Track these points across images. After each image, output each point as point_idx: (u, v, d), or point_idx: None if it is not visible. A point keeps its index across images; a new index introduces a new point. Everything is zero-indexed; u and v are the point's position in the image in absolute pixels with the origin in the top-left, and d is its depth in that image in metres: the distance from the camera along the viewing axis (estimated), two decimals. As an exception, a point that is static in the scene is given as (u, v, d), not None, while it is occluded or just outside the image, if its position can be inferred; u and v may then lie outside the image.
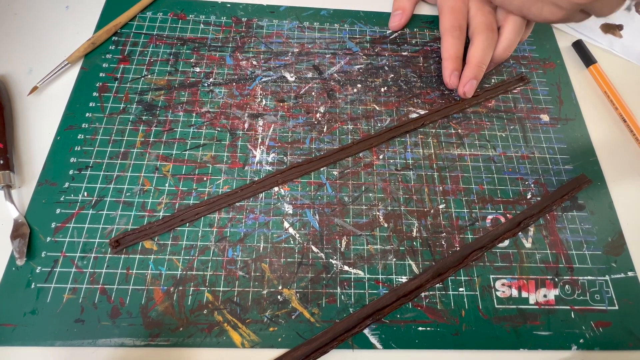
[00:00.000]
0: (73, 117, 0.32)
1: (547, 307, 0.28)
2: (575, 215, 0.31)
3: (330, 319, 0.27)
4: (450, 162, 0.33)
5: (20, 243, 0.27)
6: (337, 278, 0.28)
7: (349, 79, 0.36)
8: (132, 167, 0.31)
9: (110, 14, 0.37)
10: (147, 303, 0.26)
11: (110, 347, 0.25)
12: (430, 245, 0.29)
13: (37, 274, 0.27)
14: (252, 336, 0.26)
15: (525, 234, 0.30)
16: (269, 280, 0.28)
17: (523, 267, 0.29)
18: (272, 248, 0.29)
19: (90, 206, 0.29)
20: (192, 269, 0.28)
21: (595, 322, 0.28)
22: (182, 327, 0.26)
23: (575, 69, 0.39)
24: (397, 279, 0.28)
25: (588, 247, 0.30)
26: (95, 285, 0.27)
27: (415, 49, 0.39)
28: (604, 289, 0.29)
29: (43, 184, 0.30)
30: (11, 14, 0.37)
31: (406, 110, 0.35)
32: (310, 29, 0.39)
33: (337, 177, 0.32)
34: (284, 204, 0.30)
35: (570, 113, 0.36)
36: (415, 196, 0.31)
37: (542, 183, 0.33)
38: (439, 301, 0.28)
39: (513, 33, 0.34)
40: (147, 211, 0.29)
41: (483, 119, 0.35)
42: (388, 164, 0.32)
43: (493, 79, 0.38)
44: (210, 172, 0.31)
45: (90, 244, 0.28)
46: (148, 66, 0.35)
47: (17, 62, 0.35)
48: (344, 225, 0.30)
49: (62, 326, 0.25)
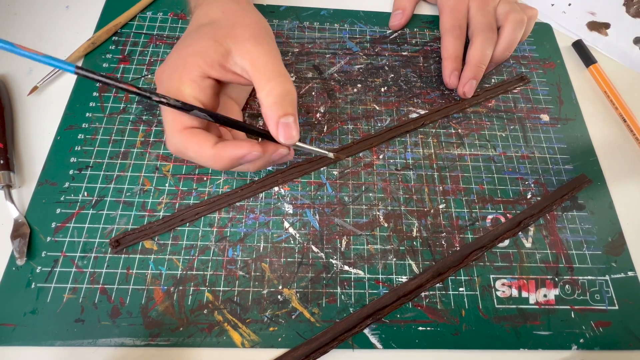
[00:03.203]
0: (73, 117, 0.32)
1: (547, 307, 0.28)
2: (575, 215, 0.31)
3: (330, 318, 0.27)
4: (450, 162, 0.33)
5: (20, 243, 0.27)
6: (337, 278, 0.28)
7: (349, 79, 0.36)
8: (132, 167, 0.31)
9: (110, 14, 0.37)
10: (147, 303, 0.26)
11: (110, 347, 0.25)
12: (430, 245, 0.29)
13: (37, 273, 0.27)
14: (252, 336, 0.26)
15: (525, 233, 0.30)
16: (269, 280, 0.28)
17: (523, 267, 0.29)
18: (272, 248, 0.29)
19: (91, 206, 0.29)
20: (192, 268, 0.28)
21: (595, 322, 0.28)
22: (182, 327, 0.26)
23: (575, 69, 0.39)
24: (397, 278, 0.28)
25: (588, 247, 0.30)
26: (95, 285, 0.27)
27: (415, 48, 0.39)
28: (604, 289, 0.29)
29: (43, 183, 0.30)
30: (11, 14, 0.37)
31: (406, 110, 0.35)
32: (310, 29, 0.39)
33: (337, 177, 0.32)
34: (284, 204, 0.30)
35: (570, 113, 0.36)
36: (415, 196, 0.31)
37: (542, 183, 0.33)
38: (439, 301, 0.28)
39: (513, 33, 0.34)
40: (147, 211, 0.29)
41: (483, 118, 0.35)
42: (388, 163, 0.32)
43: (493, 79, 0.38)
44: (210, 172, 0.31)
45: (90, 243, 0.28)
46: (148, 66, 0.35)
47: (17, 62, 0.35)
48: (344, 225, 0.30)
49: (62, 326, 0.25)
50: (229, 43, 0.23)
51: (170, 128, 0.22)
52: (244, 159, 0.22)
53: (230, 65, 0.23)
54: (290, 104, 0.22)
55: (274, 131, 0.22)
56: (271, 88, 0.22)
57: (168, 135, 0.23)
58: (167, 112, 0.22)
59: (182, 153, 0.23)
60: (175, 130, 0.22)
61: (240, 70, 0.23)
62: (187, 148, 0.22)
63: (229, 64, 0.23)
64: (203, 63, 0.22)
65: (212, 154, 0.22)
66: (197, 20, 0.27)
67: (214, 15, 0.25)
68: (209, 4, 0.27)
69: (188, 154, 0.22)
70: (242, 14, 0.25)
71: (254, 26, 0.24)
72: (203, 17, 0.26)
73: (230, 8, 0.26)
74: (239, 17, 0.25)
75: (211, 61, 0.23)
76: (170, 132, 0.22)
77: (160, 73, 0.24)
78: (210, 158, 0.22)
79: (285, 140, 0.22)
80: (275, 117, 0.22)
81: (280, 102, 0.22)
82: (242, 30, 0.24)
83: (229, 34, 0.23)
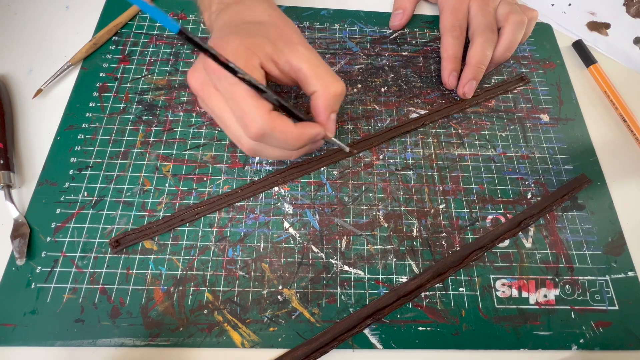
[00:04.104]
0: (73, 117, 0.32)
1: (547, 307, 0.28)
2: (576, 215, 0.31)
3: (330, 318, 0.27)
4: (450, 162, 0.33)
5: (20, 243, 0.27)
6: (337, 278, 0.28)
7: (349, 79, 0.36)
8: (132, 167, 0.31)
9: (110, 13, 0.37)
10: (147, 303, 0.26)
11: (110, 347, 0.25)
12: (430, 245, 0.29)
13: (37, 273, 0.27)
14: (252, 336, 0.26)
15: (525, 234, 0.30)
16: (269, 280, 0.28)
17: (523, 267, 0.29)
18: (272, 248, 0.29)
19: (91, 206, 0.29)
20: (192, 268, 0.28)
21: (596, 322, 0.28)
22: (182, 327, 0.26)
23: (575, 69, 0.39)
24: (397, 278, 0.28)
25: (588, 247, 0.30)
26: (95, 285, 0.27)
27: (416, 49, 0.39)
28: (604, 289, 0.29)
29: (43, 183, 0.30)
30: (11, 14, 0.37)
31: (406, 110, 0.35)
32: (310, 29, 0.39)
33: (337, 177, 0.32)
34: (284, 204, 0.30)
35: (570, 113, 0.36)
36: (415, 196, 0.31)
37: (542, 183, 0.33)
38: (439, 301, 0.28)
39: (513, 34, 0.34)
40: (147, 211, 0.29)
41: (483, 119, 0.35)
42: (388, 164, 0.32)
43: (493, 79, 0.38)
44: (210, 172, 0.31)
45: (90, 243, 0.28)
46: (148, 66, 0.35)
47: (17, 62, 0.35)
48: (344, 225, 0.30)
49: (62, 326, 0.25)
50: (282, 45, 0.25)
51: (257, 111, 0.23)
52: (316, 137, 0.26)
53: (282, 63, 0.25)
54: (339, 103, 0.26)
55: (324, 123, 0.26)
56: (328, 87, 0.25)
57: (255, 119, 0.23)
58: (246, 97, 0.23)
59: (268, 136, 0.24)
60: (264, 113, 0.23)
61: (290, 69, 0.25)
62: (274, 128, 0.23)
63: (281, 62, 0.25)
64: (262, 54, 0.24)
65: (297, 133, 0.24)
66: (240, 16, 0.27)
67: (260, 17, 0.27)
68: (248, 5, 0.28)
69: (275, 136, 0.24)
70: (286, 20, 0.28)
71: (299, 33, 0.27)
72: (247, 15, 0.27)
73: (274, 13, 0.28)
74: (285, 23, 0.27)
75: (267, 55, 0.24)
76: (258, 115, 0.23)
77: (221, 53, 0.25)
78: (295, 137, 0.24)
79: (330, 133, 0.27)
80: (327, 113, 0.26)
81: (333, 101, 0.25)
82: (293, 35, 0.26)
83: (280, 37, 0.26)
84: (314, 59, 0.25)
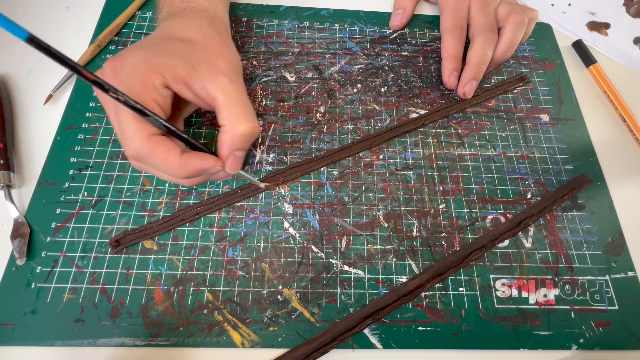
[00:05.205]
0: (73, 117, 0.32)
1: (547, 307, 0.28)
2: (575, 215, 0.31)
3: (330, 318, 0.27)
4: (450, 162, 0.33)
5: (20, 243, 0.27)
6: (337, 278, 0.28)
7: (349, 79, 0.36)
8: (132, 167, 0.31)
9: (110, 13, 0.37)
10: (147, 303, 0.26)
11: (110, 347, 0.25)
12: (430, 245, 0.29)
13: (37, 273, 0.27)
14: (252, 336, 0.26)
15: (525, 233, 0.30)
16: (269, 280, 0.28)
17: (523, 267, 0.29)
18: (272, 248, 0.29)
19: (91, 206, 0.29)
20: (192, 268, 0.28)
21: (595, 322, 0.28)
22: (182, 327, 0.26)
23: (575, 69, 0.39)
24: (397, 278, 0.28)
25: (588, 247, 0.30)
26: (95, 285, 0.27)
27: (416, 49, 0.39)
28: (604, 289, 0.29)
29: (43, 183, 0.30)
30: (11, 14, 0.37)
31: (406, 110, 0.35)
32: (310, 29, 0.39)
33: (337, 177, 0.32)
34: (284, 204, 0.30)
35: (570, 113, 0.36)
36: (415, 196, 0.31)
37: (542, 183, 0.33)
38: (439, 301, 0.28)
39: (513, 34, 0.34)
40: (147, 211, 0.29)
41: (483, 119, 0.35)
42: (388, 163, 0.32)
43: (493, 79, 0.38)
44: (210, 172, 0.31)
45: (90, 243, 0.28)
46: (148, 66, 0.35)
47: (17, 62, 0.35)
48: (344, 225, 0.30)
49: (62, 326, 0.25)
50: (204, 69, 0.23)
51: (134, 134, 0.22)
52: (208, 171, 0.23)
53: (197, 88, 0.23)
54: (247, 143, 0.24)
55: (225, 158, 0.24)
56: (236, 125, 0.23)
57: (131, 141, 0.22)
58: (128, 117, 0.22)
59: (145, 160, 0.23)
60: (142, 137, 0.22)
61: (206, 96, 0.23)
62: (153, 156, 0.22)
63: (196, 86, 0.23)
64: (169, 75, 0.23)
65: (179, 163, 0.22)
66: (172, 30, 0.26)
67: (192, 35, 0.26)
68: (188, 20, 0.27)
69: (153, 162, 0.22)
70: (222, 47, 0.26)
71: (232, 62, 0.26)
72: (180, 31, 0.26)
73: (211, 35, 0.26)
74: (219, 49, 0.26)
75: (177, 76, 0.23)
76: (135, 138, 0.22)
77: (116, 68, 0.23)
78: (176, 167, 0.22)
79: (229, 170, 0.24)
80: (229, 150, 0.23)
81: (239, 140, 0.23)
82: (221, 63, 0.25)
83: (206, 61, 0.24)
84: (234, 92, 0.23)
